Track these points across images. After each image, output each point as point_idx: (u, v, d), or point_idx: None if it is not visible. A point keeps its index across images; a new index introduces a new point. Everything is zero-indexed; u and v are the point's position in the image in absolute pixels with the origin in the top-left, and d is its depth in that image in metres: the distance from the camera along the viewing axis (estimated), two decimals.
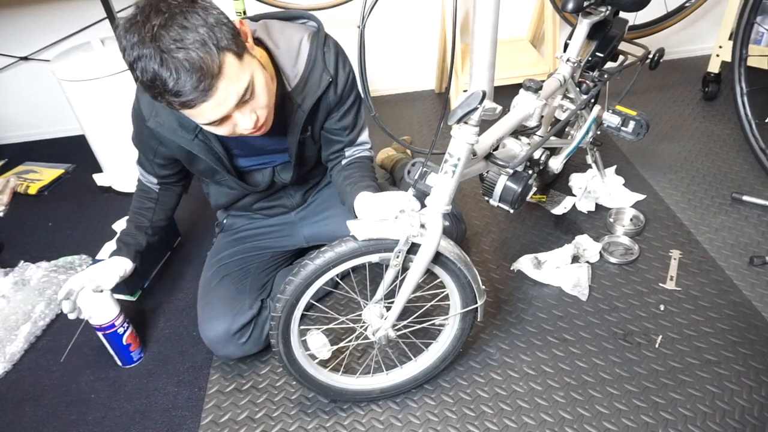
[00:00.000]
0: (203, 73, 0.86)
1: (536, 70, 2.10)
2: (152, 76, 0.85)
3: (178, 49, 0.84)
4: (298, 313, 1.09)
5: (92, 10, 2.14)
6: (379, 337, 1.12)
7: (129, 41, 0.85)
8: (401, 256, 1.02)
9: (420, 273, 1.05)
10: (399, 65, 2.48)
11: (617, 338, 1.35)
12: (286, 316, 1.07)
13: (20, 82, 2.33)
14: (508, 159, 1.20)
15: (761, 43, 2.05)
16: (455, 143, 0.98)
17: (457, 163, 0.99)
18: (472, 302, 1.14)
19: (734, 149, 1.95)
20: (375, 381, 1.25)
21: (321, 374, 1.20)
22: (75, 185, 2.15)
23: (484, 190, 1.24)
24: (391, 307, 1.11)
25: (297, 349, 1.14)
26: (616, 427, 1.17)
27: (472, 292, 1.12)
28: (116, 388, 1.35)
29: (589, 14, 1.47)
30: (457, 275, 1.10)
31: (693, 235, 1.62)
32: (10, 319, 1.48)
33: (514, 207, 1.23)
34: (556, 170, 1.46)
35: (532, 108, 1.21)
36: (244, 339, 1.28)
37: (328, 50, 1.11)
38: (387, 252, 1.03)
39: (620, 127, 1.54)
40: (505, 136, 1.20)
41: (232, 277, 1.33)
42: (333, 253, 1.02)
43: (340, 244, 1.03)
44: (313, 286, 1.06)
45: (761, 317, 1.37)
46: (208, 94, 0.88)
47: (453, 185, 1.01)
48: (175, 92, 0.86)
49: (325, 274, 1.05)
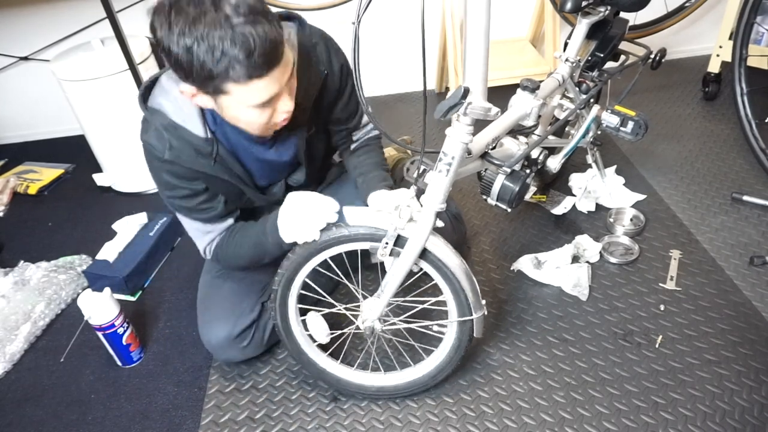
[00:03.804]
0: (273, 44, 0.87)
1: (536, 70, 2.10)
2: (220, 49, 0.84)
3: (245, 21, 0.84)
4: (294, 289, 1.16)
5: (92, 10, 2.15)
6: (366, 327, 1.13)
7: (181, 24, 0.83)
8: (388, 247, 1.04)
9: (406, 266, 1.06)
10: (399, 65, 2.48)
11: (617, 338, 1.35)
12: (282, 290, 1.15)
13: (20, 82, 2.33)
14: (504, 158, 1.20)
15: (761, 43, 2.05)
16: (450, 142, 0.99)
17: (451, 161, 0.99)
18: (468, 313, 1.12)
19: (734, 149, 1.95)
20: (372, 378, 1.25)
21: (317, 356, 1.25)
22: (75, 185, 2.15)
23: (481, 189, 1.25)
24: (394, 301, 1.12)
25: (295, 325, 1.21)
26: (616, 427, 1.17)
27: (467, 303, 1.10)
28: (116, 388, 1.35)
29: (588, 14, 1.47)
30: (451, 281, 1.09)
31: (693, 235, 1.62)
32: (10, 319, 1.48)
33: (511, 206, 1.23)
34: (554, 170, 1.46)
35: (529, 107, 1.22)
36: (245, 343, 1.28)
37: (317, 42, 1.11)
38: (377, 242, 1.06)
39: (619, 127, 1.54)
40: (501, 135, 1.21)
41: (232, 281, 1.32)
42: (325, 236, 1.08)
43: (332, 228, 1.08)
44: (307, 265, 1.13)
45: (761, 317, 1.37)
46: (273, 67, 0.89)
47: (447, 184, 1.01)
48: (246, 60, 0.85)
49: (318, 254, 1.11)
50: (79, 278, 1.64)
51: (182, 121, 1.04)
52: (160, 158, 1.05)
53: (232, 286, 1.31)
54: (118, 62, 1.77)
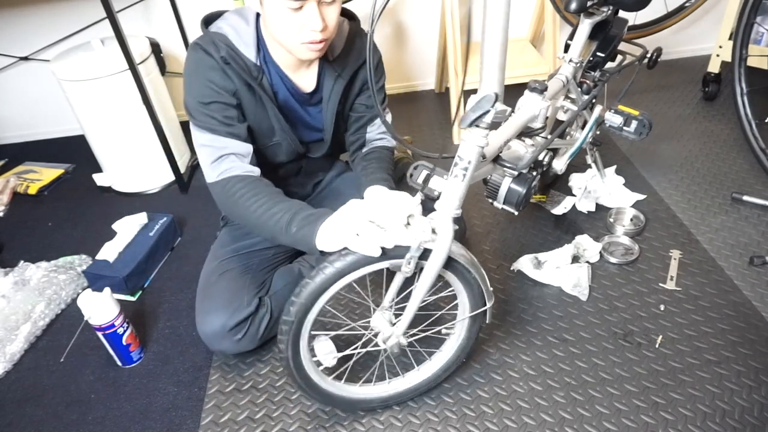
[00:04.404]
0: None
1: (536, 70, 2.10)
2: None
3: None
4: (311, 317, 1.05)
5: (92, 10, 2.15)
6: (391, 345, 1.10)
7: None
8: (413, 261, 1.00)
9: (432, 278, 1.03)
10: (398, 65, 2.49)
11: (617, 338, 1.35)
12: (298, 321, 1.04)
13: (20, 82, 2.33)
14: (513, 161, 1.19)
15: (761, 43, 2.05)
16: (465, 146, 0.97)
17: (467, 166, 0.97)
18: (481, 305, 1.12)
19: (734, 149, 1.95)
20: (377, 390, 1.23)
21: (325, 382, 1.17)
22: (75, 185, 2.16)
23: (488, 193, 1.23)
24: (401, 313, 1.10)
25: (305, 356, 1.10)
26: (616, 427, 1.17)
27: (481, 294, 1.11)
28: (116, 388, 1.35)
29: (591, 14, 1.47)
30: (467, 278, 1.09)
31: (693, 235, 1.62)
32: (10, 319, 1.48)
33: (518, 208, 1.22)
34: (560, 171, 1.46)
35: (538, 109, 1.21)
36: (239, 335, 1.28)
37: (364, 36, 1.27)
38: (399, 258, 1.02)
39: (622, 127, 1.54)
40: (512, 138, 1.19)
41: (232, 273, 1.33)
42: (353, 257, 0.99)
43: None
44: (328, 291, 1.03)
45: (761, 317, 1.37)
46: None
47: (463, 189, 0.99)
48: None
49: (341, 279, 1.02)
50: (79, 278, 1.64)
51: (238, 45, 1.14)
52: (211, 60, 1.12)
53: (232, 279, 1.32)
54: (118, 62, 1.77)
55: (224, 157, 1.16)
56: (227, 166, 1.16)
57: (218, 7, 1.26)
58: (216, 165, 1.17)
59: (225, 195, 1.16)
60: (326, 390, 1.17)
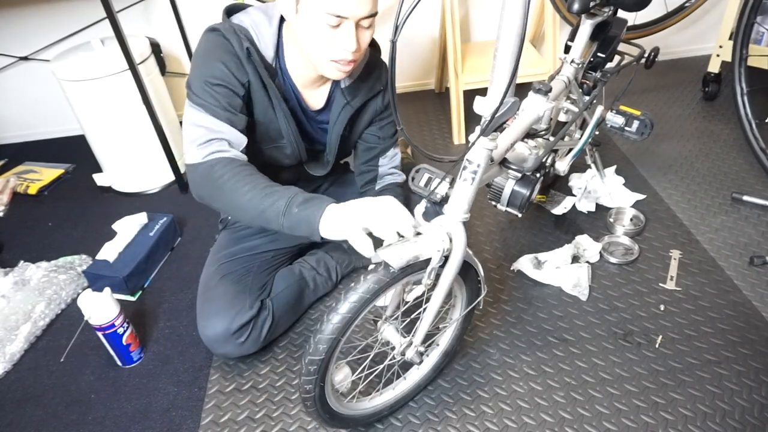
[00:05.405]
0: None
1: (536, 70, 2.10)
2: None
3: None
4: (338, 349, 0.99)
5: (92, 10, 2.15)
6: (412, 356, 1.08)
7: None
8: (434, 273, 0.98)
9: (449, 285, 1.02)
10: (398, 65, 2.48)
11: (617, 338, 1.35)
12: (328, 357, 0.97)
13: (20, 82, 2.33)
14: (518, 163, 1.18)
15: (761, 43, 2.05)
16: (475, 150, 0.95)
17: (476, 169, 0.96)
18: (478, 294, 1.14)
19: (734, 149, 1.95)
20: (384, 398, 1.21)
21: (343, 407, 1.12)
22: (75, 185, 2.15)
23: (491, 196, 1.22)
24: (405, 322, 1.09)
25: (329, 390, 1.04)
26: (616, 427, 1.17)
27: (477, 286, 1.13)
28: (116, 388, 1.35)
29: (593, 15, 1.47)
30: (469, 275, 1.10)
31: (693, 235, 1.62)
32: (10, 319, 1.48)
33: (522, 211, 1.21)
34: (563, 172, 1.46)
35: (542, 110, 1.21)
36: (242, 339, 1.28)
37: (383, 67, 1.29)
38: (418, 272, 0.99)
39: (624, 127, 1.54)
40: (517, 140, 1.18)
41: (233, 276, 1.33)
42: (373, 280, 0.94)
43: (376, 271, 0.95)
44: (358, 318, 0.97)
45: (761, 317, 1.37)
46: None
47: (472, 192, 0.98)
48: None
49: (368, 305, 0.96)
50: (79, 278, 1.64)
51: (257, 41, 1.13)
52: (230, 46, 1.09)
53: (232, 283, 1.32)
54: (118, 62, 1.77)
55: (215, 141, 1.09)
56: (217, 148, 1.09)
57: (218, 7, 1.26)
58: (204, 146, 1.09)
59: (209, 177, 1.07)
60: (344, 414, 1.12)
